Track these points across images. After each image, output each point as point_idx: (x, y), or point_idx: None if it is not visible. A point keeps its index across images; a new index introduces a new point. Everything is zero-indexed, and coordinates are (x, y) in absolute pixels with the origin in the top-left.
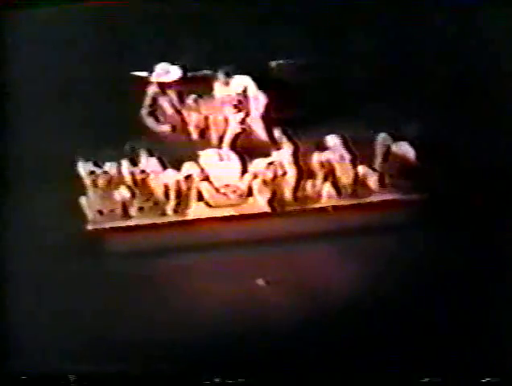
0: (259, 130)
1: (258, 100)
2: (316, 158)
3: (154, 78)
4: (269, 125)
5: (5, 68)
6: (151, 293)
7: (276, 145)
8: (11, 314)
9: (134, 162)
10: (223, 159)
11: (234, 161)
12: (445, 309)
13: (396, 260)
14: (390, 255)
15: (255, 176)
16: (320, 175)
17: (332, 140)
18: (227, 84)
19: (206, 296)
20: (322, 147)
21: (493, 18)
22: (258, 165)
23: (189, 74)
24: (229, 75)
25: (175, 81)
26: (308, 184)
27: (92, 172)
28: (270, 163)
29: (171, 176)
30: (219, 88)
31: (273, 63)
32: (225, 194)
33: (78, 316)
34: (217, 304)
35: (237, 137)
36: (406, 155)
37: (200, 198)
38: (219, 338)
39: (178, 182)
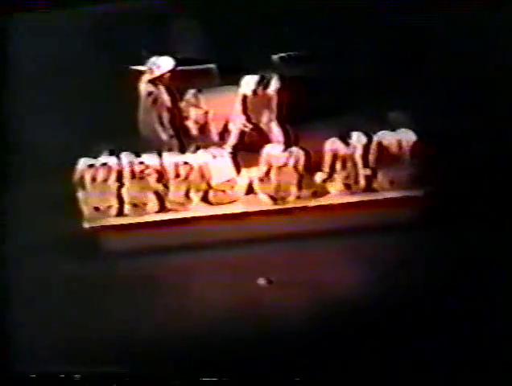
0: (275, 128)
1: (276, 98)
2: (328, 153)
3: (148, 73)
4: (283, 122)
5: (5, 68)
6: (151, 293)
7: (290, 141)
8: (9, 315)
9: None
10: (222, 156)
11: (234, 158)
12: (455, 305)
13: (404, 259)
14: (399, 253)
15: (256, 172)
16: (327, 171)
17: (356, 136)
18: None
19: (207, 296)
20: (343, 141)
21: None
22: (259, 160)
23: (191, 67)
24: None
25: (171, 74)
26: (314, 180)
27: (91, 165)
28: (286, 150)
29: (168, 170)
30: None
31: (276, 57)
32: (223, 191)
33: (77, 317)
34: (218, 304)
35: (243, 134)
36: (414, 152)
37: (200, 195)
38: (220, 338)
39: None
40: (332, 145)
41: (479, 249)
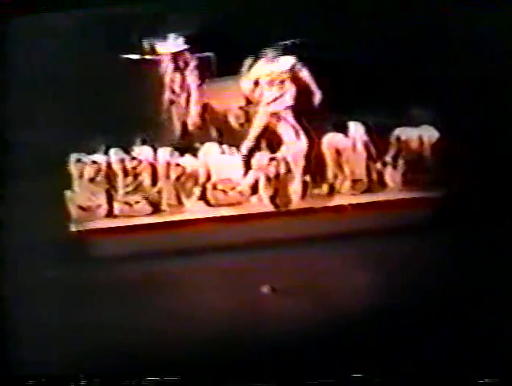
0: (290, 119)
1: (291, 88)
2: (329, 148)
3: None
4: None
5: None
6: (145, 299)
7: (306, 134)
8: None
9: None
10: (224, 153)
11: (236, 156)
12: (465, 309)
13: (413, 263)
14: (408, 257)
15: (259, 172)
16: (331, 170)
17: (354, 127)
18: (273, 61)
19: (204, 304)
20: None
21: None
22: (262, 160)
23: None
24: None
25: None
26: (318, 180)
27: (78, 160)
28: (273, 159)
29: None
30: (261, 66)
31: (281, 43)
32: (223, 190)
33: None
34: (217, 311)
35: (265, 130)
36: (434, 151)
37: (198, 195)
38: (218, 348)
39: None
40: (335, 140)
41: (498, 253)
